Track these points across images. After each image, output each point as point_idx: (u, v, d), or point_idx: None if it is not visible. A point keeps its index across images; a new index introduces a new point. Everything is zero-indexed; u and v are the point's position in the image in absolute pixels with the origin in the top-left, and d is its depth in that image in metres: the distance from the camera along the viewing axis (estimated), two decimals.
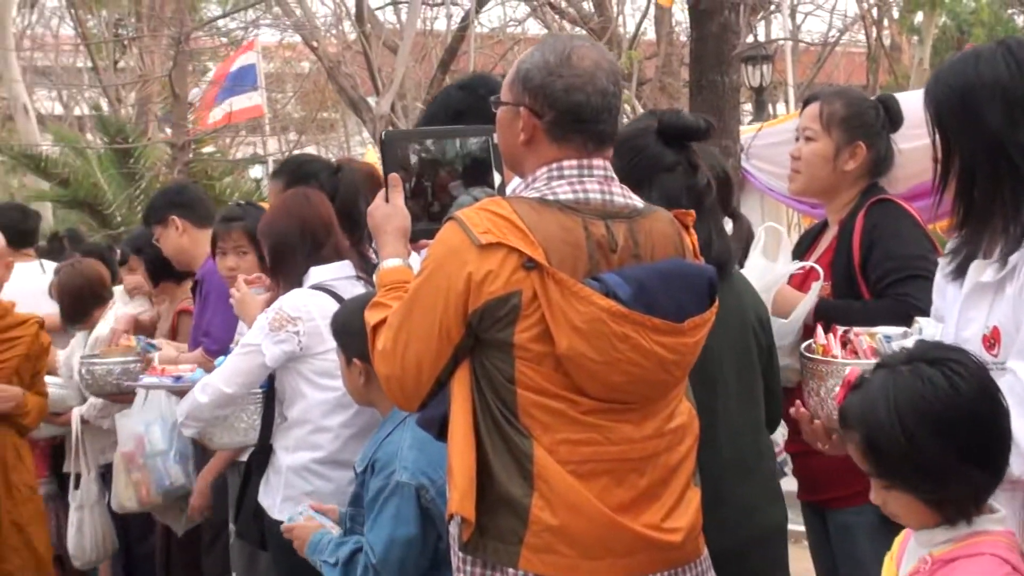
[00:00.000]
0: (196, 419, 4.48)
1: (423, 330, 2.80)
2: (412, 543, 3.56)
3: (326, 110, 27.04)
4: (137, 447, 5.38)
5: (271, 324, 4.27)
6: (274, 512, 4.31)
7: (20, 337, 5.76)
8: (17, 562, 5.62)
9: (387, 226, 3.16)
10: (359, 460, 3.82)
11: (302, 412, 4.33)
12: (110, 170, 13.46)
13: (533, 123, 2.91)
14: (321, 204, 4.44)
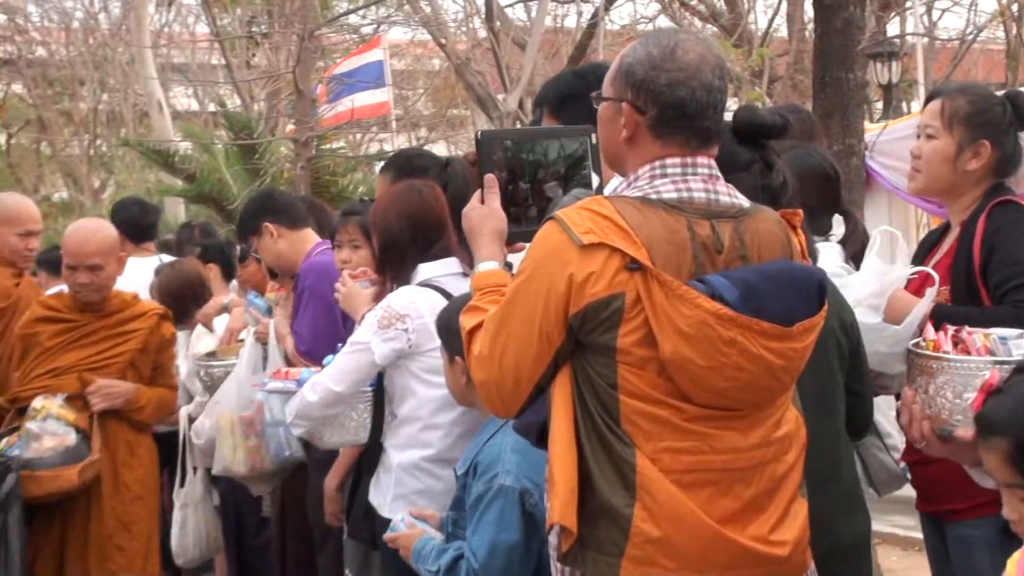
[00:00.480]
0: (306, 418, 4.45)
1: (522, 334, 2.73)
2: (515, 548, 3.47)
3: (456, 107, 27.19)
4: (257, 413, 5.38)
5: (380, 322, 4.23)
6: (384, 511, 4.27)
7: (135, 331, 5.71)
8: (121, 561, 5.57)
9: (483, 228, 3.08)
10: (460, 463, 3.76)
11: (412, 410, 4.28)
12: (235, 166, 13.60)
13: (635, 119, 2.82)
14: (435, 200, 4.38)
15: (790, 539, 2.78)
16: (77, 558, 5.50)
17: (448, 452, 4.19)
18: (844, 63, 6.56)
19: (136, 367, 5.75)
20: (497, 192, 3.09)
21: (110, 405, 5.59)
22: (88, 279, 5.53)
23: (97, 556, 5.52)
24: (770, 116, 3.29)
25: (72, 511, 5.53)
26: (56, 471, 5.29)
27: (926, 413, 2.96)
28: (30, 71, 28.01)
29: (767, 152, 3.27)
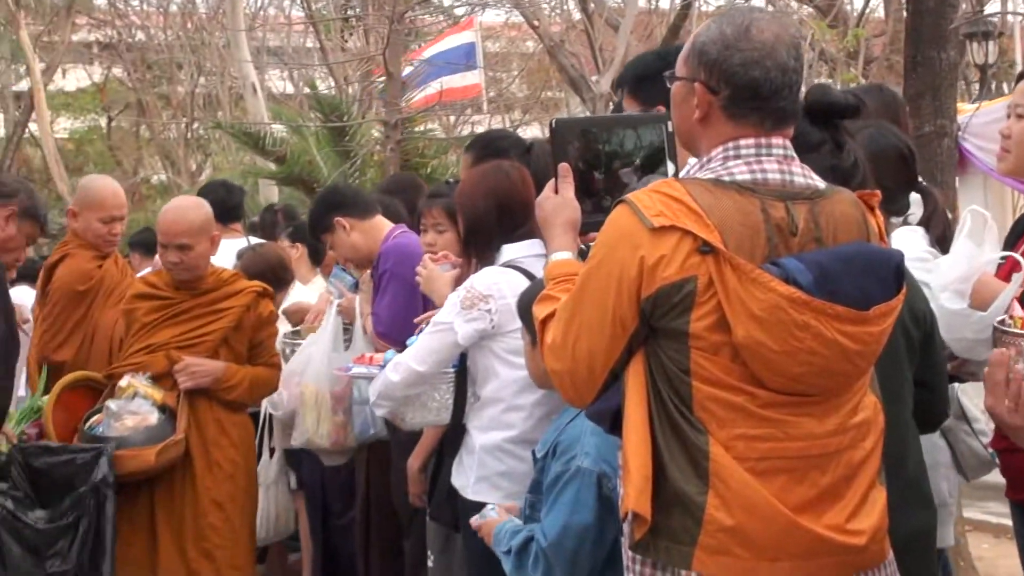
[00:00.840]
0: (388, 398, 4.45)
1: (595, 320, 2.70)
2: (588, 531, 3.43)
3: (549, 89, 27.14)
4: (346, 390, 5.38)
5: (463, 302, 4.22)
6: (467, 493, 4.27)
7: (228, 309, 5.68)
8: (216, 540, 5.56)
9: (556, 219, 3.06)
10: (539, 446, 3.74)
11: (495, 391, 4.27)
12: (325, 148, 13.65)
13: (708, 99, 2.77)
14: (522, 181, 4.35)
15: (867, 528, 2.72)
16: (171, 538, 5.51)
17: (531, 433, 4.17)
18: (936, 42, 6.41)
19: (230, 345, 5.72)
20: (571, 181, 3.06)
21: (196, 384, 5.57)
22: (178, 258, 5.54)
23: (192, 536, 5.52)
24: (842, 96, 3.23)
25: (163, 491, 5.54)
26: (135, 451, 5.31)
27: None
28: (129, 55, 28.38)
29: (838, 132, 3.21)
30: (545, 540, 3.46)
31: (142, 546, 5.49)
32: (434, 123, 17.76)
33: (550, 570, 3.46)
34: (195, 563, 5.51)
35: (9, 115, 30.32)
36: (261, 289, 5.80)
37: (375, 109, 15.92)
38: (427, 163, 13.18)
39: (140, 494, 5.53)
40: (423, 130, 15.05)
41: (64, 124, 32.62)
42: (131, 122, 31.86)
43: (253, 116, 15.95)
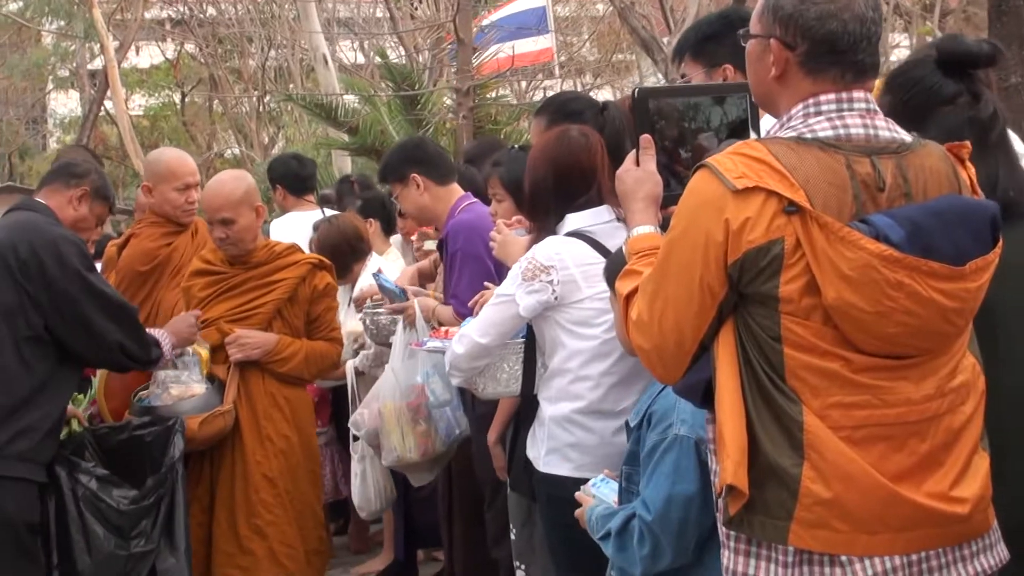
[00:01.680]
0: (457, 369, 4.40)
1: (682, 290, 2.62)
2: (692, 501, 3.32)
3: (620, 52, 26.97)
4: (421, 398, 5.31)
5: (524, 274, 4.14)
6: (540, 464, 4.21)
7: (281, 281, 5.62)
8: (268, 517, 5.51)
9: (638, 192, 2.98)
10: (632, 415, 3.63)
11: (561, 362, 4.19)
12: (397, 117, 13.63)
13: (785, 56, 2.69)
14: (586, 149, 4.23)
15: (970, 496, 2.62)
16: (224, 514, 5.49)
17: (599, 404, 4.11)
18: None
19: (284, 318, 5.67)
20: (653, 153, 2.97)
21: (246, 356, 5.53)
22: (223, 233, 5.51)
23: (243, 512, 5.48)
24: (975, 44, 3.10)
25: (220, 465, 5.53)
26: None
27: None
28: (201, 31, 28.52)
29: (974, 83, 3.08)
30: (649, 514, 3.35)
31: (199, 521, 5.47)
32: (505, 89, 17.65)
33: (658, 544, 3.36)
34: (247, 540, 5.47)
35: (85, 94, 30.66)
36: (317, 261, 5.74)
37: (446, 77, 15.88)
38: (500, 130, 13.11)
39: (202, 469, 5.52)
40: (495, 96, 14.97)
41: (139, 101, 32.94)
42: (204, 97, 32.04)
43: (324, 88, 15.95)
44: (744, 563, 2.67)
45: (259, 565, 5.45)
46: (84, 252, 4.93)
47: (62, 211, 5.08)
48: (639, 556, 3.40)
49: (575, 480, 3.98)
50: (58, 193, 5.13)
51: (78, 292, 4.83)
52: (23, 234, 4.86)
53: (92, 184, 5.16)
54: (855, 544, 2.56)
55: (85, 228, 5.17)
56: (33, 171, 32.28)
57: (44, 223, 4.95)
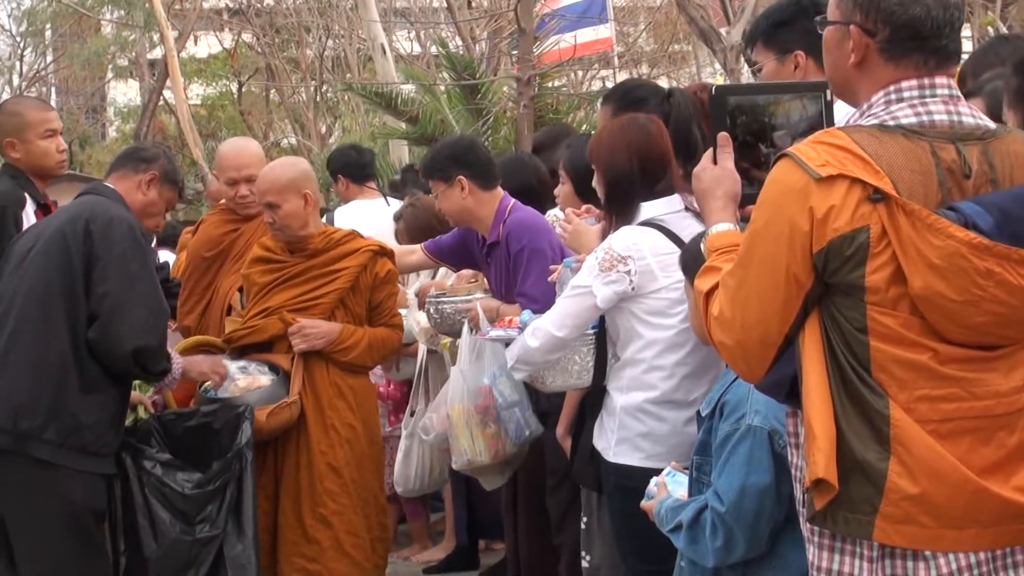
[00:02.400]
0: (527, 363, 4.37)
1: (766, 283, 2.59)
2: (766, 492, 3.30)
3: (677, 42, 26.84)
4: (489, 399, 5.28)
5: (601, 264, 4.12)
6: (609, 455, 4.20)
7: (343, 269, 5.58)
8: (333, 506, 5.48)
9: (716, 191, 2.93)
10: (704, 404, 3.62)
11: (636, 352, 4.18)
12: (457, 106, 13.60)
13: (865, 42, 2.66)
14: (659, 135, 4.23)
15: None
16: (290, 503, 5.47)
17: (672, 394, 4.11)
18: None
19: (347, 306, 5.63)
20: (731, 151, 2.93)
21: (311, 346, 5.49)
22: (271, 217, 5.49)
23: (309, 501, 5.46)
24: None
25: (284, 455, 5.51)
26: None
27: None
28: (258, 20, 28.61)
29: None
30: (723, 505, 3.34)
31: (264, 509, 5.45)
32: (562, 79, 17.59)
33: (731, 536, 3.34)
34: (312, 529, 5.45)
35: (144, 83, 30.83)
36: (378, 248, 5.69)
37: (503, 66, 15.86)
38: (560, 119, 13.05)
39: (266, 457, 5.50)
40: (556, 86, 14.93)
41: (197, 90, 33.06)
42: (261, 87, 32.14)
43: (382, 77, 15.95)
44: (828, 558, 2.65)
45: (324, 554, 5.44)
46: (136, 236, 4.88)
47: (131, 196, 5.08)
48: (712, 548, 3.38)
49: (645, 470, 3.99)
50: (127, 178, 5.14)
51: (116, 272, 4.78)
52: (81, 214, 4.87)
53: (161, 169, 5.17)
54: (941, 540, 2.53)
55: (154, 213, 5.17)
56: (93, 160, 32.53)
57: (104, 203, 4.95)
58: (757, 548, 3.36)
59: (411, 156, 15.40)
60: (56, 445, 4.64)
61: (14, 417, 4.64)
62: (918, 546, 2.54)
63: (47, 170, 5.72)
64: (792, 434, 2.79)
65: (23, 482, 4.68)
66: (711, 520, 3.37)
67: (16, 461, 4.66)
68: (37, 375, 4.68)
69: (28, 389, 4.67)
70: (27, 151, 5.62)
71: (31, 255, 4.83)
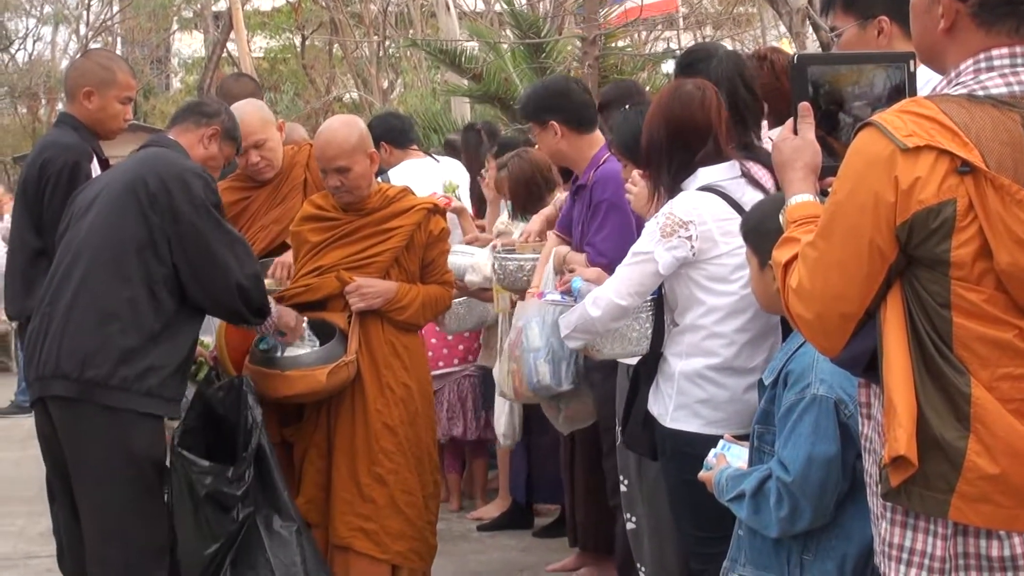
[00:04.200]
0: (587, 332, 4.35)
1: (848, 255, 2.52)
2: (833, 462, 3.29)
3: (742, 4, 26.61)
4: (517, 338, 5.32)
5: (663, 230, 4.10)
6: (666, 420, 4.18)
7: (398, 228, 5.55)
8: (388, 465, 5.46)
9: (796, 162, 2.86)
10: (767, 373, 3.58)
11: (696, 318, 4.16)
12: (521, 65, 13.56)
13: (955, 7, 2.57)
14: (702, 104, 4.19)
15: None
16: (344, 462, 5.45)
17: (733, 360, 4.09)
18: None
19: (400, 264, 5.60)
20: (811, 122, 2.85)
21: (368, 305, 5.46)
22: (338, 181, 5.43)
23: (364, 460, 5.44)
24: None
25: (338, 414, 5.49)
26: (304, 371, 5.27)
27: None
28: None
29: None
30: (788, 474, 3.32)
31: (318, 467, 5.47)
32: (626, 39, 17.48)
33: (797, 506, 3.32)
34: (368, 488, 5.43)
35: (209, 35, 30.89)
36: (432, 206, 5.67)
37: (568, 25, 15.77)
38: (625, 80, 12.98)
39: (319, 416, 5.50)
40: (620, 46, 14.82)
41: (260, 43, 33.13)
42: (324, 41, 32.15)
43: (446, 33, 15.93)
44: (901, 534, 2.60)
45: (380, 512, 5.44)
46: (212, 187, 4.92)
47: (193, 149, 5.07)
48: (776, 517, 3.37)
49: (703, 436, 3.99)
50: (189, 131, 5.13)
51: (205, 225, 4.82)
52: (152, 167, 4.86)
53: (223, 124, 5.15)
54: (1018, 519, 2.48)
55: (214, 167, 5.16)
56: (156, 110, 32.72)
57: (173, 156, 4.96)
58: (822, 518, 3.35)
59: (473, 114, 15.38)
60: (121, 390, 4.66)
61: (81, 365, 4.66)
62: (994, 526, 2.49)
63: (109, 132, 5.71)
64: (864, 404, 2.74)
65: (89, 429, 4.70)
66: (776, 489, 3.35)
67: (83, 408, 4.69)
68: (106, 323, 4.70)
69: (96, 337, 4.69)
70: (102, 107, 5.60)
71: (98, 205, 4.84)
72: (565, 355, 5.16)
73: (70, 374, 4.67)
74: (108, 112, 5.61)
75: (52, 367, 4.71)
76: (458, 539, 7.23)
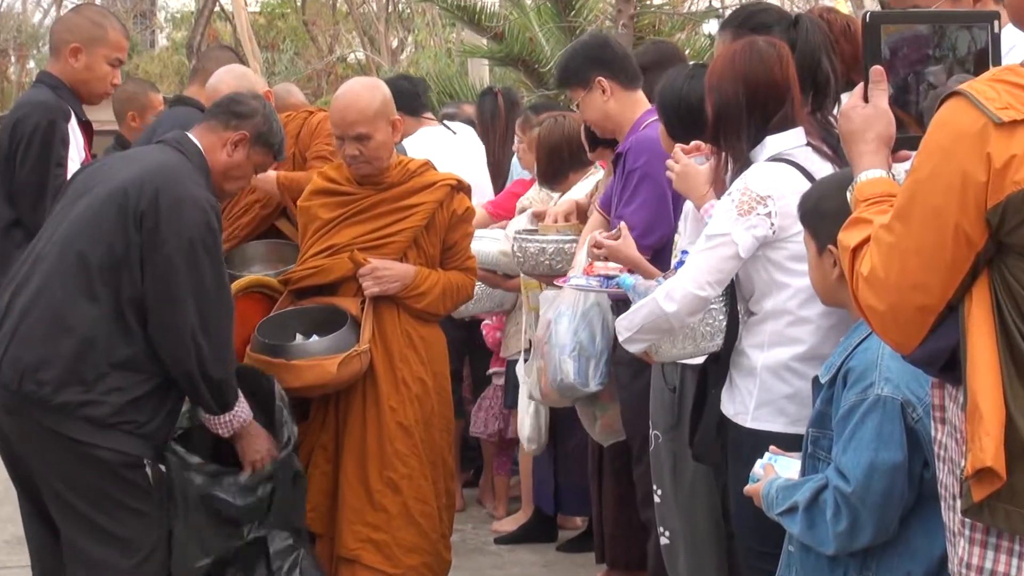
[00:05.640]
0: (658, 331, 4.22)
1: (929, 240, 2.49)
2: (898, 471, 3.24)
3: None
4: (544, 333, 5.32)
5: (739, 208, 4.01)
6: (746, 420, 4.10)
7: (419, 205, 5.49)
8: (403, 470, 5.40)
9: (867, 132, 2.83)
10: (823, 370, 3.54)
11: (777, 304, 4.08)
12: (548, 24, 13.54)
13: None
14: (779, 62, 4.13)
15: None
16: (354, 466, 5.40)
17: (820, 347, 3.97)
18: None
19: (419, 246, 5.54)
20: (885, 88, 2.82)
21: (383, 290, 5.39)
22: (356, 150, 5.35)
23: (376, 464, 5.39)
24: None
25: (348, 411, 5.44)
26: (314, 360, 5.23)
27: None
28: None
29: None
30: (848, 484, 3.27)
31: (324, 471, 5.42)
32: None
33: (857, 518, 3.27)
34: (379, 495, 5.38)
35: None
36: (456, 182, 5.61)
37: None
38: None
39: (326, 414, 5.47)
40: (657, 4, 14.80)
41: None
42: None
43: None
44: (981, 555, 2.57)
45: (392, 522, 5.39)
46: (213, 225, 4.73)
47: (214, 153, 4.93)
48: (834, 532, 3.33)
49: (788, 436, 3.90)
50: (213, 132, 4.98)
51: (182, 264, 4.64)
52: (153, 180, 4.70)
53: (255, 129, 4.97)
54: None
55: (237, 176, 5.00)
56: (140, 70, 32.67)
57: (183, 173, 4.80)
58: (884, 534, 3.31)
59: (492, 77, 15.37)
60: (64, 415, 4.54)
61: (20, 377, 4.55)
62: None
63: (93, 95, 5.71)
64: (937, 407, 2.72)
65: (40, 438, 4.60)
66: (833, 501, 3.31)
67: (25, 420, 4.60)
68: (58, 337, 4.58)
69: (43, 350, 4.57)
70: (88, 66, 5.61)
71: (88, 199, 4.72)
72: (594, 352, 5.14)
73: (8, 383, 4.56)
74: (95, 73, 5.60)
75: None
76: (473, 552, 7.20)
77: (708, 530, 4.92)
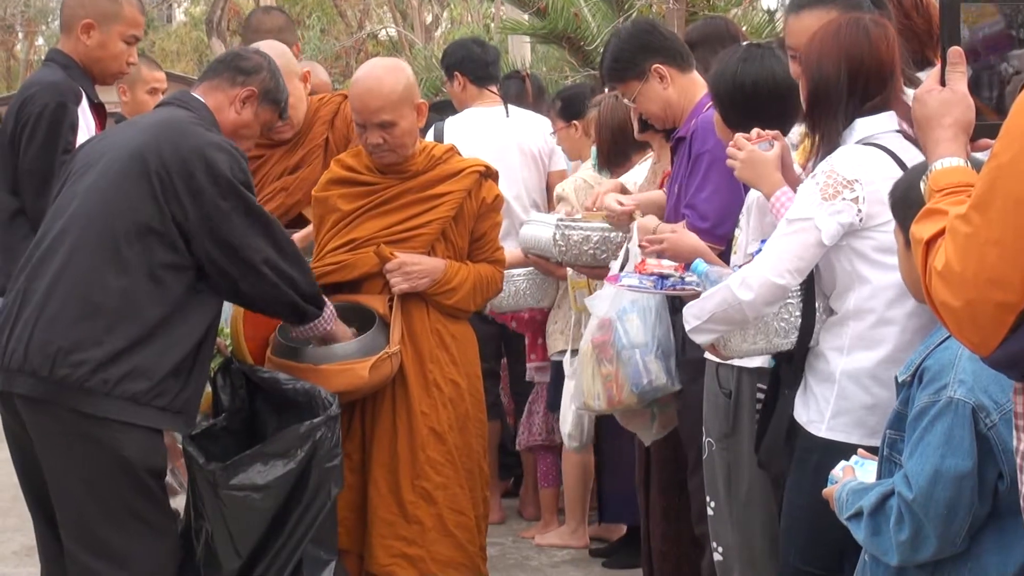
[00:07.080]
0: (730, 322, 4.19)
1: (1011, 232, 2.48)
2: (965, 480, 3.23)
3: None
4: (606, 334, 5.27)
5: (823, 191, 4.02)
6: (820, 429, 4.11)
7: (447, 194, 5.48)
8: (436, 479, 5.40)
9: (944, 118, 2.85)
10: (903, 369, 3.54)
11: (861, 301, 4.08)
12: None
13: None
14: (883, 40, 4.13)
15: None
16: (384, 476, 5.39)
17: (905, 351, 3.91)
18: None
19: (448, 239, 5.55)
20: (964, 71, 2.84)
21: (413, 286, 5.40)
22: (380, 138, 5.36)
23: (408, 473, 5.38)
24: None
25: (376, 418, 5.44)
26: (344, 364, 5.23)
27: None
28: None
29: None
30: (911, 491, 3.28)
31: (350, 483, 5.33)
32: None
33: (920, 529, 3.28)
34: (412, 506, 5.36)
35: None
36: (484, 168, 5.61)
37: None
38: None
39: (352, 421, 5.44)
40: None
41: None
42: None
43: None
44: None
45: (426, 535, 5.38)
46: (241, 164, 4.83)
47: (221, 112, 5.01)
48: (896, 541, 3.34)
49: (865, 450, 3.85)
50: (220, 90, 5.04)
51: (233, 208, 4.75)
52: (168, 137, 4.78)
53: (261, 85, 5.04)
54: None
55: (247, 136, 5.06)
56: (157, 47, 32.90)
57: (193, 125, 4.88)
58: (951, 547, 3.30)
59: (534, 57, 15.36)
60: (101, 395, 4.60)
61: (52, 362, 4.59)
62: None
63: (107, 75, 5.76)
64: (1020, 415, 2.70)
65: (63, 433, 4.65)
66: (897, 508, 3.32)
67: (54, 411, 4.64)
68: (89, 317, 4.64)
69: (75, 331, 4.62)
70: (101, 44, 5.65)
71: (97, 172, 4.77)
72: (672, 349, 5.12)
73: (38, 371, 4.61)
74: (109, 51, 5.64)
75: (20, 360, 4.63)
76: (513, 568, 7.22)
77: (765, 547, 4.85)
